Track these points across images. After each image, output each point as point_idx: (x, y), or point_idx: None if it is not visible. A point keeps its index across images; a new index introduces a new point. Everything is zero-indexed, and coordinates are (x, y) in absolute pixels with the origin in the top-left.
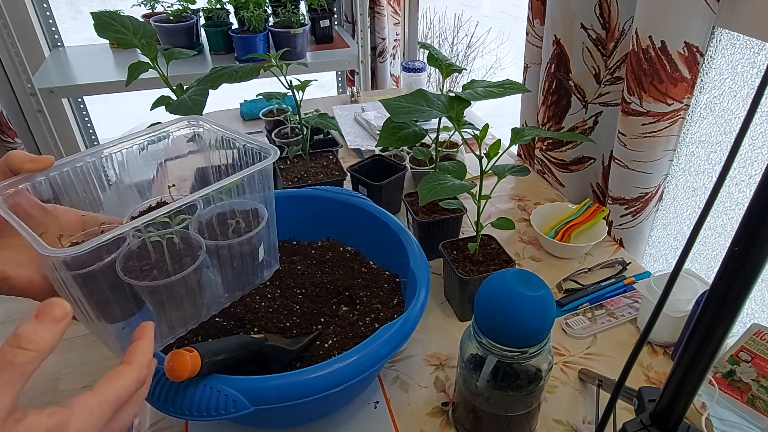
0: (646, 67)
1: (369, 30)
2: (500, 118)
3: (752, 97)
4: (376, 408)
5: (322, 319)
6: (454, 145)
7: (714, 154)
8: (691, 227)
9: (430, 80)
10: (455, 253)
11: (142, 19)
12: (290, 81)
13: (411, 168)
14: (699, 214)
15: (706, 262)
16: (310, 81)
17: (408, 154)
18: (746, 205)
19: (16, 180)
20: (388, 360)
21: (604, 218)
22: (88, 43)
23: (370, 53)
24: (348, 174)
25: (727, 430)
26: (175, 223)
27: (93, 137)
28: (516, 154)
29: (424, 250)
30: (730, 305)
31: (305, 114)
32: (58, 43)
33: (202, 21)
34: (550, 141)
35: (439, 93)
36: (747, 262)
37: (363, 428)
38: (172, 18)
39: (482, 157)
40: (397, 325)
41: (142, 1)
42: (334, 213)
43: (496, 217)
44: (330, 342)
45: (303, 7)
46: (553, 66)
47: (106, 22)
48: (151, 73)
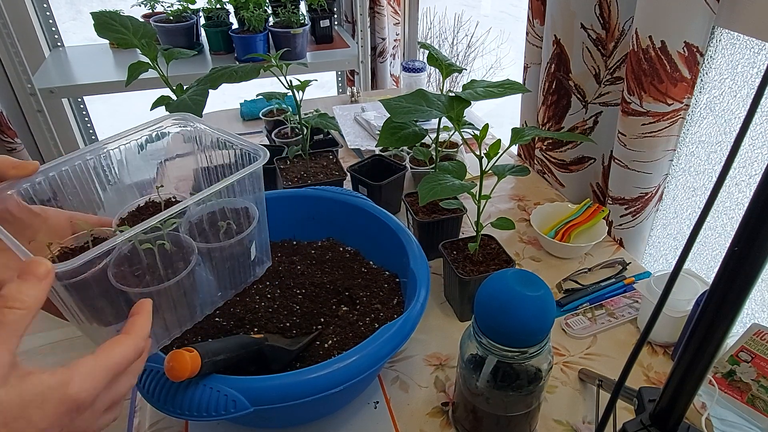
0: (646, 67)
1: (369, 30)
2: (500, 118)
3: (752, 97)
4: (376, 408)
5: (322, 319)
6: (454, 145)
7: (714, 154)
8: (691, 227)
9: (430, 80)
10: (455, 253)
11: (142, 19)
12: (290, 81)
13: (411, 168)
14: (699, 214)
15: (706, 262)
16: (310, 81)
17: (408, 154)
18: (746, 205)
19: (2, 186)
20: (388, 360)
21: (604, 218)
22: (88, 43)
23: (370, 53)
24: (348, 174)
25: (727, 430)
26: (165, 228)
27: (93, 137)
28: (516, 154)
29: (424, 250)
30: (730, 305)
31: (305, 114)
32: (58, 43)
33: (202, 21)
34: (550, 141)
35: (439, 93)
36: (747, 262)
37: (363, 428)
38: (172, 18)
39: (482, 157)
40: (397, 325)
41: (142, 1)
42: (334, 213)
43: (496, 217)
44: (330, 342)
45: (303, 7)
46: (553, 66)
47: (106, 22)
48: (151, 73)
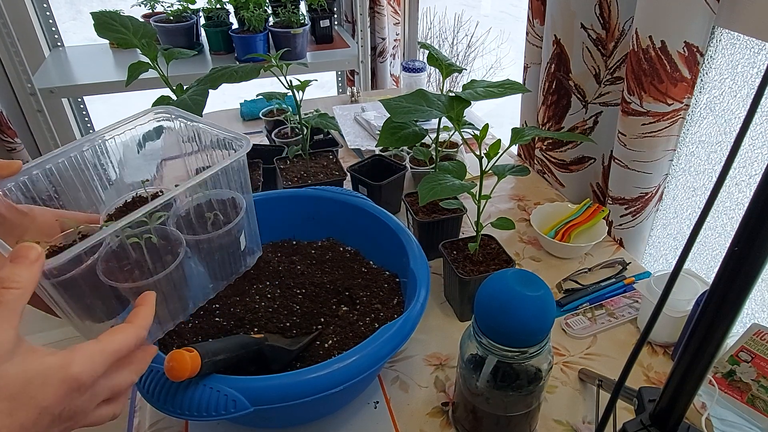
0: (646, 67)
1: (369, 30)
2: (500, 118)
3: (752, 97)
4: (376, 408)
5: (322, 319)
6: (454, 145)
7: (714, 154)
8: (691, 227)
9: (430, 80)
10: (455, 253)
11: (142, 19)
12: (290, 81)
13: (411, 168)
14: (699, 214)
15: (706, 262)
16: (310, 81)
17: (408, 154)
18: (746, 205)
19: None
20: (388, 360)
21: (604, 218)
22: (88, 43)
23: (370, 53)
24: (348, 174)
25: (727, 430)
26: (152, 222)
27: None
28: (516, 154)
29: (424, 250)
30: (730, 305)
31: (305, 114)
32: (58, 43)
33: (202, 21)
34: (550, 141)
35: (439, 93)
36: (747, 262)
37: (363, 428)
38: (172, 18)
39: (482, 157)
40: (397, 325)
41: (142, 1)
42: (334, 213)
43: (496, 217)
44: (330, 342)
45: (303, 7)
46: (553, 66)
47: (106, 22)
48: (151, 73)
